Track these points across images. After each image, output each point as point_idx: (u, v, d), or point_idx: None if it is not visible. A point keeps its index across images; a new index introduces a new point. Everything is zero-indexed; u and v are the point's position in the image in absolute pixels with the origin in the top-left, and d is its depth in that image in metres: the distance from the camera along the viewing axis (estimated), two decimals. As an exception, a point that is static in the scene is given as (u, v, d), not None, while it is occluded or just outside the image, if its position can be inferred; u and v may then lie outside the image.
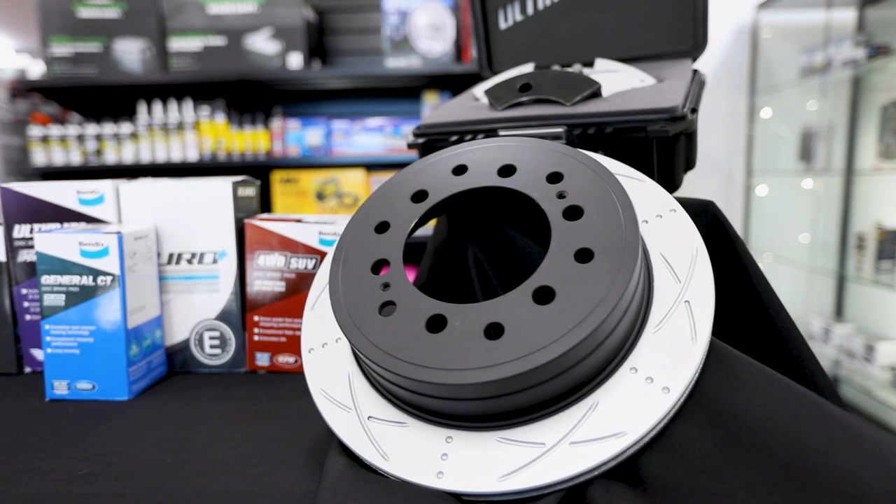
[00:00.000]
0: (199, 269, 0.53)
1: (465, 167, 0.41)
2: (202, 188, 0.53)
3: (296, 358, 0.54)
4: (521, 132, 0.49)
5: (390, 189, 0.42)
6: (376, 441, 0.34)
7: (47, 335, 0.48)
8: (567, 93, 0.50)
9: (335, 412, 0.36)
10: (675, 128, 0.44)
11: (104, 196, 0.53)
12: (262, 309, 0.53)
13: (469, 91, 0.64)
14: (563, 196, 0.37)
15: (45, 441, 0.41)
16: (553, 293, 0.32)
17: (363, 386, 0.37)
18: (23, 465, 0.37)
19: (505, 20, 0.69)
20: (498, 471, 0.31)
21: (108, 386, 0.48)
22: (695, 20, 0.58)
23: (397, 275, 0.36)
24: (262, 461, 0.37)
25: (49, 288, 0.47)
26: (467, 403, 0.33)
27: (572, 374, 0.32)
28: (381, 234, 0.39)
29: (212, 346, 0.54)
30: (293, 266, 0.53)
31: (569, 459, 0.31)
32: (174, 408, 0.46)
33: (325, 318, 0.42)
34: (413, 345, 0.33)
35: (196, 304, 0.54)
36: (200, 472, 0.36)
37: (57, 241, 0.47)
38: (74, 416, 0.45)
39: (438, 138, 0.53)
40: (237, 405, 0.47)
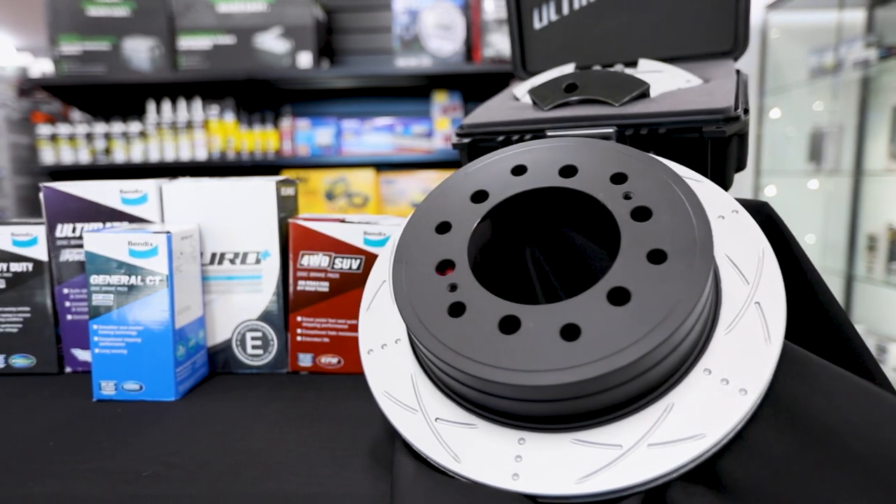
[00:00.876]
0: (242, 269, 0.53)
1: (525, 167, 0.41)
2: (246, 188, 0.52)
3: (339, 359, 0.54)
4: (569, 133, 0.49)
5: (448, 189, 0.41)
6: (446, 443, 0.34)
7: (95, 335, 0.47)
8: (616, 93, 0.50)
9: (400, 413, 0.36)
10: (731, 128, 0.44)
11: (147, 195, 0.53)
12: (305, 309, 0.53)
13: (507, 91, 0.63)
14: (629, 197, 0.36)
15: (101, 442, 0.40)
16: (629, 294, 0.32)
17: (428, 387, 0.37)
18: (84, 465, 0.37)
19: (539, 20, 0.69)
20: (575, 473, 0.31)
21: (156, 386, 0.48)
22: (736, 20, 0.58)
23: (464, 276, 0.36)
24: (325, 463, 0.37)
25: (97, 288, 0.47)
26: (541, 405, 0.32)
27: (648, 376, 0.32)
28: (442, 235, 0.39)
29: (254, 347, 0.54)
30: (337, 266, 0.52)
31: (648, 461, 0.30)
32: (223, 409, 0.46)
33: (382, 319, 0.42)
34: (486, 346, 0.32)
35: (238, 305, 0.54)
36: (265, 475, 0.36)
37: (106, 240, 0.46)
38: (124, 416, 0.45)
39: (484, 138, 0.53)
40: (286, 406, 0.46)
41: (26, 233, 0.53)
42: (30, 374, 0.55)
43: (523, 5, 0.69)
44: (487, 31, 2.17)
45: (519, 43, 0.70)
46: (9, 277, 0.54)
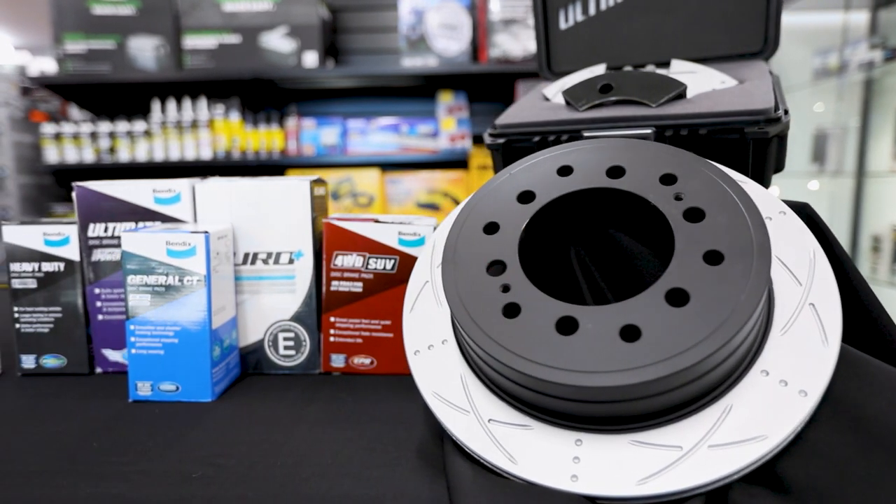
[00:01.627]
0: (275, 269, 0.53)
1: (571, 168, 0.41)
2: (279, 187, 0.52)
3: (372, 359, 0.54)
4: (606, 133, 0.49)
5: (494, 189, 0.41)
6: (500, 444, 0.34)
7: (132, 336, 0.47)
8: (653, 94, 0.50)
9: (451, 414, 0.36)
10: (774, 130, 0.44)
11: (181, 195, 0.52)
12: (338, 310, 0.53)
13: (536, 91, 0.63)
14: (679, 198, 0.36)
15: (144, 443, 0.40)
16: (687, 295, 0.32)
17: (478, 388, 0.37)
18: (131, 467, 0.37)
19: (566, 20, 0.69)
20: (635, 474, 0.31)
21: (192, 387, 0.48)
22: (766, 20, 0.58)
23: (517, 276, 0.36)
24: (374, 464, 0.37)
25: (135, 288, 0.47)
26: (600, 406, 0.32)
27: (708, 378, 0.32)
28: (490, 236, 0.39)
29: (286, 348, 0.54)
30: (371, 266, 0.52)
31: (709, 463, 0.30)
32: (261, 410, 0.46)
33: (426, 320, 0.41)
34: (544, 346, 0.32)
35: (271, 305, 0.53)
36: (317, 476, 0.35)
37: (144, 240, 0.46)
38: (163, 417, 0.45)
39: (518, 138, 0.53)
40: (325, 407, 0.46)
41: (58, 232, 0.53)
42: (60, 374, 0.54)
43: (549, 6, 0.69)
44: (493, 32, 2.16)
45: (545, 43, 0.70)
46: (40, 277, 0.53)
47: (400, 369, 0.54)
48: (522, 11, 2.15)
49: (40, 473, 0.36)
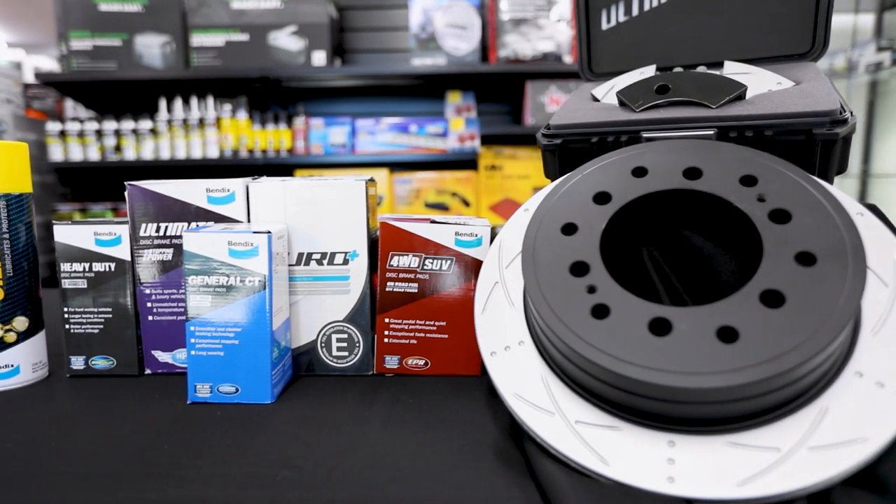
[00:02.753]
0: (329, 269, 0.52)
1: (645, 169, 0.41)
2: (335, 187, 0.52)
3: (426, 360, 0.53)
4: (666, 135, 0.49)
5: (568, 190, 0.41)
6: (590, 446, 0.34)
7: (192, 337, 0.47)
8: (712, 95, 0.50)
9: (536, 416, 0.36)
10: (843, 131, 0.44)
11: (235, 194, 0.52)
12: (393, 311, 0.53)
13: (581, 91, 0.63)
14: (762, 199, 0.36)
15: (216, 445, 0.40)
16: (782, 297, 0.32)
17: (562, 389, 0.37)
18: (209, 469, 0.36)
19: (607, 21, 0.69)
20: (734, 476, 0.31)
21: (252, 389, 0.47)
22: (816, 21, 0.58)
23: (602, 278, 0.36)
24: (455, 467, 0.36)
25: (195, 288, 0.46)
26: (695, 407, 0.32)
27: (805, 379, 0.32)
28: (569, 236, 0.39)
29: (339, 349, 0.54)
30: (427, 267, 0.52)
31: (811, 465, 0.30)
32: (324, 411, 0.46)
33: (499, 322, 0.41)
34: (638, 348, 0.32)
35: (325, 306, 0.53)
36: (398, 480, 0.35)
37: (205, 240, 0.46)
38: (226, 419, 0.44)
39: (575, 139, 0.53)
40: (388, 409, 0.46)
41: (110, 232, 0.52)
42: (109, 375, 0.54)
43: (591, 6, 0.69)
44: (503, 32, 2.16)
45: (586, 44, 0.70)
46: (90, 277, 0.53)
47: (453, 370, 0.54)
48: (532, 11, 2.15)
49: (119, 476, 0.35)
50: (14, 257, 0.50)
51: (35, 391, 0.51)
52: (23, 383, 0.52)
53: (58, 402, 0.48)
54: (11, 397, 0.49)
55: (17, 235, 0.50)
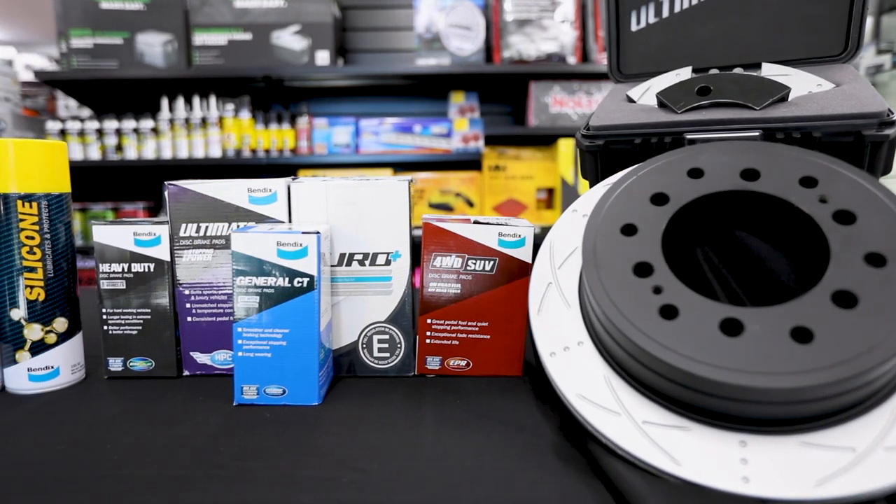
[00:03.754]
0: (372, 270, 0.52)
1: (701, 171, 0.41)
2: (378, 187, 0.52)
3: (467, 361, 0.53)
4: (711, 136, 0.49)
5: (624, 191, 0.41)
6: (660, 446, 0.34)
7: (239, 338, 0.46)
8: (756, 97, 0.50)
9: (602, 417, 0.36)
10: (893, 132, 0.44)
11: (277, 194, 0.52)
12: (436, 311, 0.53)
13: (615, 92, 0.63)
14: (825, 200, 0.37)
15: (274, 447, 0.39)
16: (855, 298, 0.32)
17: (626, 390, 0.37)
18: (272, 471, 0.36)
19: (637, 22, 0.69)
20: (811, 476, 0.31)
21: (299, 391, 0.47)
22: (849, 23, 0.59)
23: (667, 278, 0.36)
24: (519, 468, 0.36)
25: (243, 289, 0.46)
26: (768, 407, 0.32)
27: (880, 379, 0.32)
28: (629, 237, 0.39)
29: (380, 350, 0.53)
30: (470, 267, 0.52)
31: (889, 465, 0.30)
32: (373, 412, 0.45)
33: (556, 322, 0.41)
34: (710, 348, 0.32)
35: (367, 307, 0.53)
36: (470, 481, 0.35)
37: (254, 240, 0.45)
38: (277, 421, 0.44)
39: (617, 140, 0.53)
40: (438, 410, 0.46)
41: (149, 232, 0.52)
42: (147, 377, 0.53)
43: (621, 7, 0.69)
44: (507, 32, 2.17)
45: (616, 45, 0.70)
46: (129, 278, 0.52)
47: (494, 371, 0.53)
48: (536, 12, 2.15)
49: (186, 479, 0.35)
50: (55, 258, 0.50)
51: (75, 393, 0.50)
52: (62, 385, 0.51)
53: (101, 403, 0.47)
54: (53, 399, 0.48)
55: (57, 236, 0.50)
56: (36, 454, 0.38)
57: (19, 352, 0.49)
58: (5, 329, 0.49)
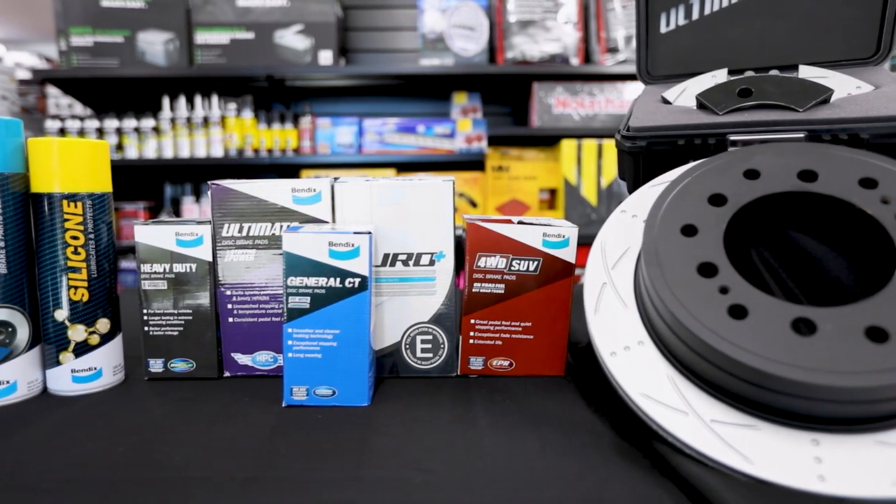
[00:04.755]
0: (415, 270, 0.52)
1: (758, 172, 0.41)
2: (423, 187, 0.52)
3: (510, 361, 0.53)
4: (754, 137, 0.50)
5: (681, 192, 0.41)
6: (731, 445, 0.34)
7: (289, 339, 0.46)
8: (799, 99, 0.51)
9: (669, 416, 0.36)
10: (942, 135, 0.45)
11: (321, 194, 0.51)
12: (479, 312, 0.53)
13: (647, 94, 0.64)
14: (887, 201, 0.37)
15: (332, 449, 0.39)
16: (926, 298, 0.33)
17: (691, 389, 0.37)
18: (339, 473, 0.36)
19: (667, 24, 0.70)
20: (888, 475, 0.31)
21: (349, 391, 0.47)
22: (882, 26, 0.60)
23: (733, 278, 0.36)
24: (587, 467, 0.36)
25: (294, 290, 0.45)
26: (842, 406, 0.33)
27: (951, 378, 0.32)
28: (690, 238, 0.39)
29: (423, 350, 0.53)
30: (514, 268, 0.52)
31: (963, 462, 0.31)
32: (425, 413, 0.45)
33: (614, 322, 0.41)
34: (783, 347, 0.33)
35: (411, 307, 0.53)
36: (540, 481, 0.35)
37: (306, 240, 0.45)
38: (330, 422, 0.44)
39: (660, 141, 0.53)
40: (489, 410, 0.46)
41: (191, 232, 0.51)
42: (188, 378, 0.53)
43: (651, 9, 0.70)
44: (510, 33, 2.17)
45: (645, 47, 0.70)
46: (171, 279, 0.52)
47: (537, 371, 0.54)
48: (540, 13, 2.16)
49: (256, 481, 0.35)
50: (98, 258, 0.49)
51: (118, 394, 0.49)
52: (104, 386, 0.50)
53: (147, 405, 0.47)
54: (98, 400, 0.48)
55: (100, 235, 0.49)
56: (96, 456, 0.38)
57: (63, 353, 0.48)
58: (49, 330, 0.48)
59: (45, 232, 0.47)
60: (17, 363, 0.47)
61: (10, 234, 0.46)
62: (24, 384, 0.48)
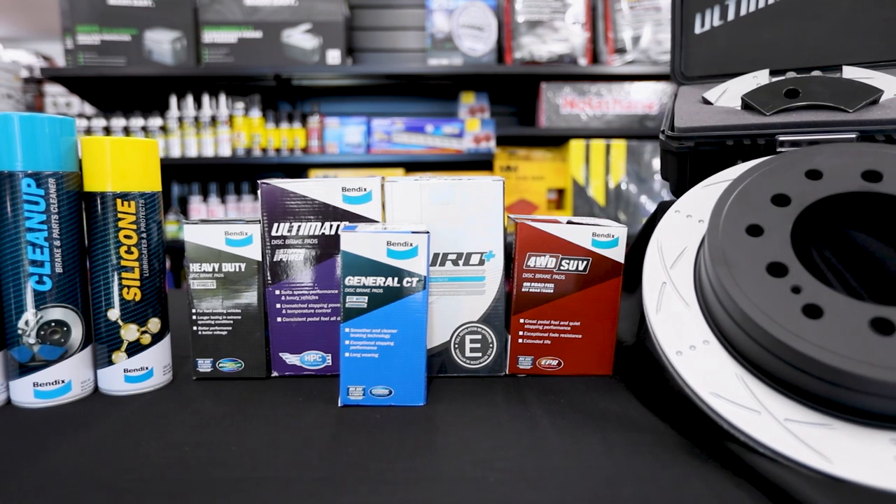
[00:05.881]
0: (465, 270, 0.52)
1: (820, 172, 0.41)
2: (473, 186, 0.52)
3: (559, 361, 0.54)
4: (804, 138, 0.50)
5: (742, 192, 0.42)
6: (808, 443, 0.34)
7: (346, 339, 0.46)
8: (848, 99, 0.51)
9: (742, 414, 0.36)
10: None
11: (371, 193, 0.51)
12: (529, 311, 0.53)
13: (686, 95, 0.64)
14: (953, 202, 0.37)
15: (400, 448, 0.39)
16: None
17: (761, 388, 0.37)
18: (412, 473, 0.36)
19: (702, 25, 0.70)
20: (968, 472, 0.32)
21: (406, 391, 0.47)
22: (922, 29, 0.60)
23: (805, 278, 0.36)
24: (661, 467, 0.37)
25: (352, 289, 0.45)
26: (922, 406, 0.33)
27: None
28: (756, 238, 0.39)
29: (472, 350, 0.53)
30: (563, 267, 0.52)
31: None
32: (483, 412, 0.45)
33: (677, 321, 0.42)
34: (864, 347, 0.33)
35: (460, 307, 0.53)
36: (613, 481, 0.35)
37: (364, 240, 0.45)
38: (391, 421, 0.44)
39: (707, 142, 0.53)
40: (546, 409, 0.46)
41: (241, 231, 0.51)
42: (236, 378, 0.53)
43: (686, 10, 0.70)
44: (518, 33, 2.17)
45: (679, 47, 0.71)
46: (220, 278, 0.51)
47: (585, 370, 0.54)
48: (548, 14, 2.16)
49: (330, 480, 0.35)
50: (149, 257, 0.49)
51: (170, 394, 0.49)
52: (154, 386, 0.50)
53: (202, 404, 0.47)
54: (151, 400, 0.48)
55: (151, 234, 0.49)
56: (164, 456, 0.38)
57: (115, 353, 0.48)
58: (101, 330, 0.48)
59: (97, 231, 0.47)
60: (71, 362, 0.47)
61: (65, 234, 0.46)
62: (78, 384, 0.48)
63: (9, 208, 0.44)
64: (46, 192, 0.45)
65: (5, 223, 0.44)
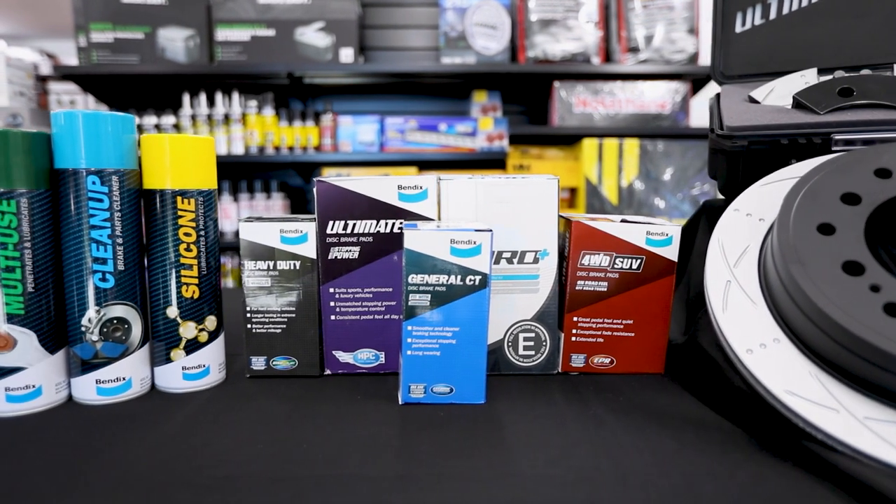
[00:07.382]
0: (519, 268, 0.52)
1: (889, 171, 0.41)
2: (528, 185, 0.52)
3: (612, 359, 0.54)
4: (860, 136, 0.50)
5: (810, 191, 0.42)
6: (890, 441, 0.34)
7: (409, 336, 0.46)
8: (905, 98, 0.51)
9: (819, 413, 0.36)
10: None
11: (427, 191, 0.51)
12: (582, 309, 0.53)
13: (731, 94, 0.64)
14: None
15: (471, 446, 0.39)
16: None
17: (837, 386, 0.37)
18: (488, 470, 0.36)
19: (742, 24, 0.70)
20: None
21: (466, 389, 0.47)
22: (969, 29, 0.60)
23: (883, 277, 0.36)
24: (735, 466, 0.37)
25: (415, 287, 0.45)
26: None
27: None
28: (827, 237, 0.39)
29: (525, 348, 0.53)
30: (617, 266, 0.52)
31: None
32: (544, 410, 0.45)
33: (745, 319, 0.42)
34: (949, 347, 0.33)
35: (514, 305, 0.53)
36: (692, 477, 0.35)
37: (427, 237, 0.45)
38: (455, 419, 0.44)
39: (760, 141, 0.53)
40: (608, 407, 0.46)
41: (296, 229, 0.51)
42: (289, 376, 0.53)
43: (727, 9, 0.70)
44: (532, 32, 2.17)
45: (720, 46, 0.71)
46: (274, 276, 0.51)
47: (637, 368, 0.54)
48: (561, 12, 2.16)
49: (409, 478, 0.35)
50: (207, 255, 0.49)
51: (227, 392, 0.49)
52: (211, 384, 0.50)
53: (262, 403, 0.47)
54: (209, 398, 0.48)
55: (208, 232, 0.49)
56: (240, 453, 0.38)
57: (174, 350, 0.48)
58: (159, 327, 0.48)
59: (157, 228, 0.47)
60: (132, 360, 0.47)
61: (127, 231, 0.46)
62: (138, 381, 0.48)
63: (73, 206, 0.44)
64: (110, 190, 0.45)
65: (69, 221, 0.44)
